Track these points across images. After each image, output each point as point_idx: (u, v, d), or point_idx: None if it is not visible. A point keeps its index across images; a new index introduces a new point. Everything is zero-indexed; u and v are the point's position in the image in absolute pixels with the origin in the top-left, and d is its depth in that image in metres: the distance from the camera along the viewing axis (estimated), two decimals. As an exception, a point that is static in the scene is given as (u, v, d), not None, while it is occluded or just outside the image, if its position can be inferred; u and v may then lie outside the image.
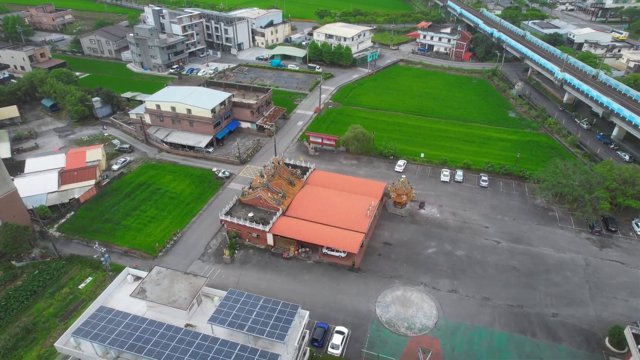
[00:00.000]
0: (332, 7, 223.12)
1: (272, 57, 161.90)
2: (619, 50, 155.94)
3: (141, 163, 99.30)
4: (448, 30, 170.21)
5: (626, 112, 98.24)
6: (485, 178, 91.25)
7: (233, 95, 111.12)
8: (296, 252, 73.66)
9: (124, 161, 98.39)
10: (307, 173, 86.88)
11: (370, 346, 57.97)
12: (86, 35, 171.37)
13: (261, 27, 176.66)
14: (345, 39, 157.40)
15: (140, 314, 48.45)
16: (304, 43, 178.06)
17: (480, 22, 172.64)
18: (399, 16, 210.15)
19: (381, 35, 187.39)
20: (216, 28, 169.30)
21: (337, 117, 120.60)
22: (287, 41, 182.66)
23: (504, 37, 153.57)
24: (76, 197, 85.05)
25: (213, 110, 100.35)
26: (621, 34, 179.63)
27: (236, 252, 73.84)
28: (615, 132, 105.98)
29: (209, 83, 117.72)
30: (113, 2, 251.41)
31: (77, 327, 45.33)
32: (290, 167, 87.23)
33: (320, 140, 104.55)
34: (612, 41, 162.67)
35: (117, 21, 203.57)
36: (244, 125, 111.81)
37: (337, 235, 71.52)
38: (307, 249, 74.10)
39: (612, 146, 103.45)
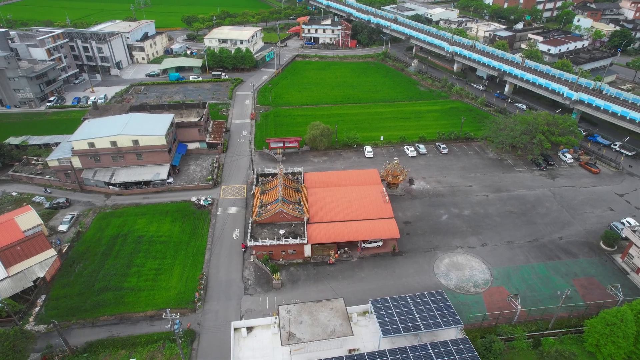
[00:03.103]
0: (196, 13, 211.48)
1: (165, 71, 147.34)
2: (466, 24, 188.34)
3: (93, 215, 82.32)
4: (329, 22, 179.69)
5: (517, 71, 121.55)
6: (444, 146, 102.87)
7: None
8: (336, 255, 72.69)
9: (72, 218, 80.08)
10: (301, 177, 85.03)
11: (459, 312, 62.30)
12: None
13: (137, 40, 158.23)
14: (242, 41, 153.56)
15: (289, 361, 43.40)
16: (188, 52, 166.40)
17: (354, 11, 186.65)
18: (268, 14, 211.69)
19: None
20: (85, 47, 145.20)
21: (276, 120, 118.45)
22: (168, 52, 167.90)
23: (384, 22, 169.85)
24: (41, 275, 66.77)
25: (166, 136, 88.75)
26: (454, 11, 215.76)
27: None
28: (506, 89, 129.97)
29: (133, 108, 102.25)
30: None
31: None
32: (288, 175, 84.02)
33: (282, 145, 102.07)
34: (458, 18, 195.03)
35: None
36: (192, 146, 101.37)
37: (373, 227, 73.00)
38: (346, 249, 73.81)
39: (509, 100, 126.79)
